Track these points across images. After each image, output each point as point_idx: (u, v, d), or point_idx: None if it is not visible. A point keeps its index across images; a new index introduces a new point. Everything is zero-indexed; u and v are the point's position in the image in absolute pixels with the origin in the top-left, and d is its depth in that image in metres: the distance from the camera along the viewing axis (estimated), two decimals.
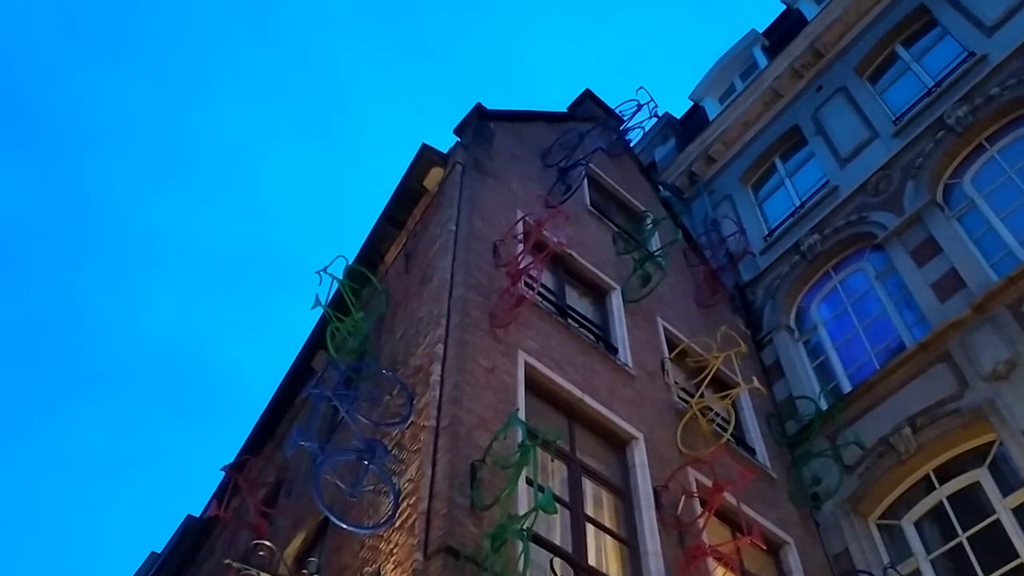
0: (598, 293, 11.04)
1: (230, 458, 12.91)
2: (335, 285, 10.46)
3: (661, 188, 16.49)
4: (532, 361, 8.48)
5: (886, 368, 10.69)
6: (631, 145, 16.46)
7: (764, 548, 8.99)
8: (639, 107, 15.06)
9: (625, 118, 15.85)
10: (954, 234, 11.07)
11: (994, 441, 9.19)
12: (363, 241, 12.17)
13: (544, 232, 9.81)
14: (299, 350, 13.14)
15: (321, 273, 9.94)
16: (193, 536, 14.98)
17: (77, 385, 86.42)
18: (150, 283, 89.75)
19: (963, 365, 9.79)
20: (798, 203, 14.38)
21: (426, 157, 11.44)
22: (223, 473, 12.82)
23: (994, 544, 8.65)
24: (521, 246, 9.81)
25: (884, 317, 11.62)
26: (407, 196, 11.71)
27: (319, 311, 10.60)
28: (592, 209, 12.68)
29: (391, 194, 11.89)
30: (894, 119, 13.37)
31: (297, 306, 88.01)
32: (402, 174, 11.73)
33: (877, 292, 11.95)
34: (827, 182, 13.86)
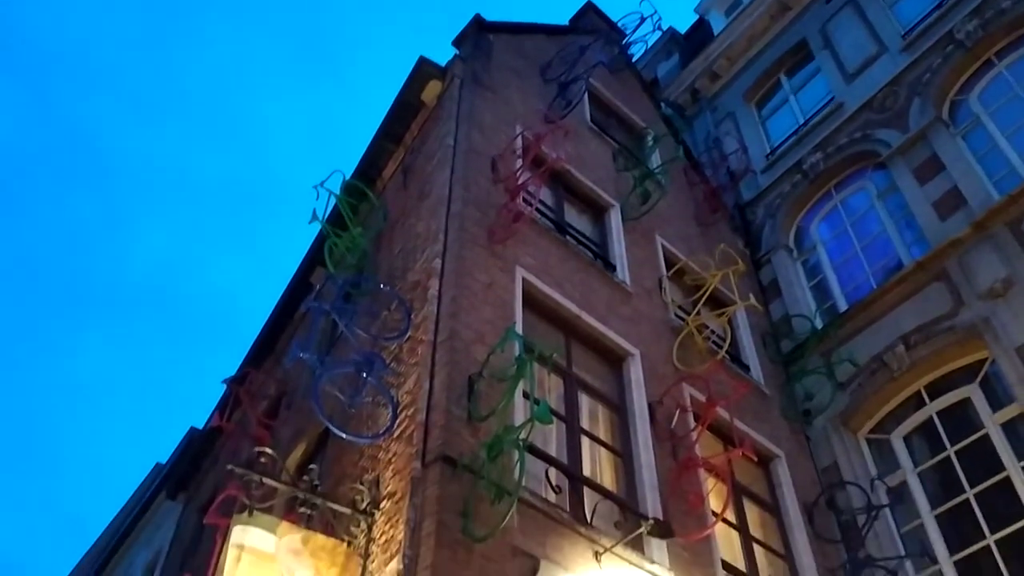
0: (597, 210, 10.98)
1: (231, 374, 13.07)
2: (332, 201, 10.41)
3: (663, 105, 16.23)
4: (530, 277, 8.49)
5: (883, 287, 10.72)
6: (633, 60, 16.11)
7: (755, 460, 9.18)
8: (642, 20, 14.66)
9: (628, 32, 15.48)
10: (958, 152, 10.95)
11: (986, 358, 9.29)
12: (360, 158, 12.05)
13: (543, 148, 9.69)
14: (297, 267, 13.16)
15: (318, 188, 9.89)
16: (196, 447, 15.30)
17: (76, 309, 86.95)
18: (142, 208, 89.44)
19: (960, 283, 9.81)
20: (802, 121, 14.16)
21: (424, 70, 11.21)
22: (225, 387, 13.01)
23: (981, 458, 8.83)
24: (520, 162, 9.71)
25: (884, 236, 11.59)
26: (405, 111, 11.53)
27: (316, 227, 10.59)
28: (592, 125, 12.50)
29: (388, 110, 11.73)
30: (903, 33, 13.06)
31: (292, 227, 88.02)
32: (399, 90, 11.54)
33: (878, 211, 11.89)
34: (832, 98, 13.62)
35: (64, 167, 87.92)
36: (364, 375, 7.11)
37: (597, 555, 6.46)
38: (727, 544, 8.11)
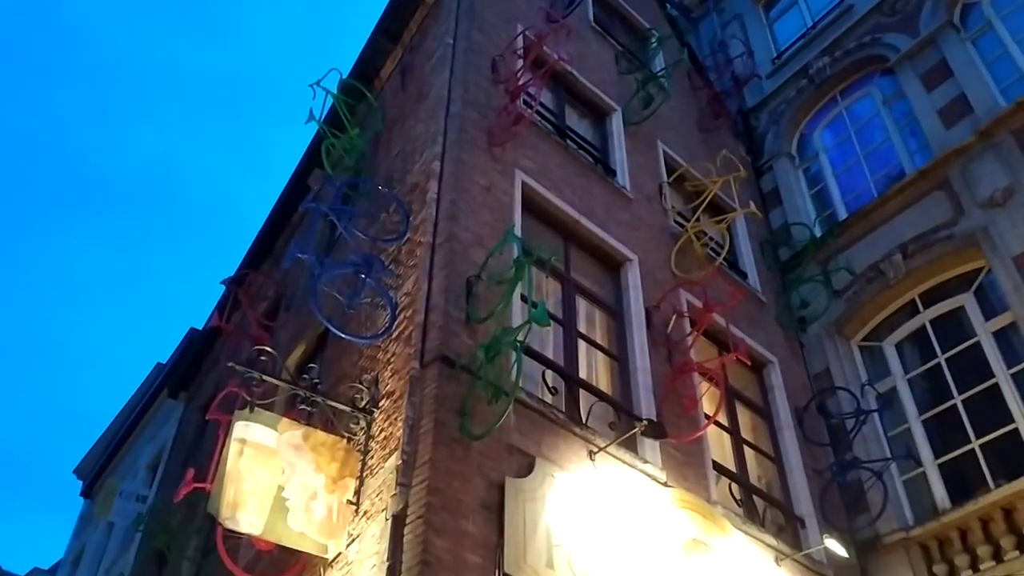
0: (598, 114, 10.80)
1: (230, 275, 13.10)
2: (329, 101, 10.21)
3: (668, 5, 15.75)
4: (529, 181, 8.41)
5: (884, 196, 10.66)
6: None
7: (749, 365, 9.33)
8: None
9: None
10: (968, 58, 10.72)
11: (982, 267, 9.32)
12: (357, 57, 11.75)
13: (545, 48, 9.45)
14: (294, 168, 13.01)
15: (315, 87, 9.69)
16: (197, 347, 15.48)
17: (74, 209, 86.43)
18: (131, 106, 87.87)
19: (961, 192, 9.76)
20: (810, 23, 13.79)
21: None
22: (224, 288, 13.07)
23: (971, 366, 8.97)
24: (521, 62, 9.48)
25: (887, 144, 11.45)
26: (403, 7, 11.20)
27: (314, 127, 10.42)
28: (595, 26, 12.16)
29: (386, 6, 11.38)
30: None
31: (287, 129, 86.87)
32: None
33: (883, 118, 11.71)
34: (842, 0, 13.24)
35: (55, 61, 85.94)
36: (363, 276, 7.12)
37: (591, 454, 6.63)
38: (718, 446, 8.31)
